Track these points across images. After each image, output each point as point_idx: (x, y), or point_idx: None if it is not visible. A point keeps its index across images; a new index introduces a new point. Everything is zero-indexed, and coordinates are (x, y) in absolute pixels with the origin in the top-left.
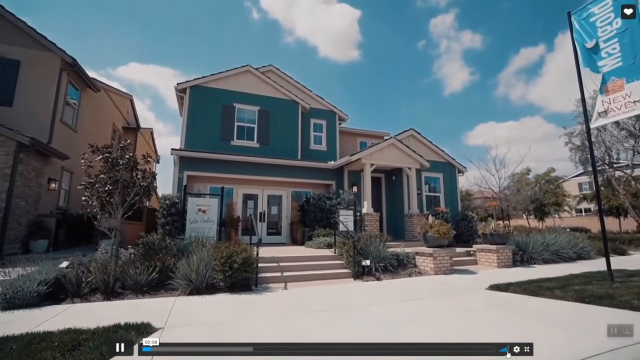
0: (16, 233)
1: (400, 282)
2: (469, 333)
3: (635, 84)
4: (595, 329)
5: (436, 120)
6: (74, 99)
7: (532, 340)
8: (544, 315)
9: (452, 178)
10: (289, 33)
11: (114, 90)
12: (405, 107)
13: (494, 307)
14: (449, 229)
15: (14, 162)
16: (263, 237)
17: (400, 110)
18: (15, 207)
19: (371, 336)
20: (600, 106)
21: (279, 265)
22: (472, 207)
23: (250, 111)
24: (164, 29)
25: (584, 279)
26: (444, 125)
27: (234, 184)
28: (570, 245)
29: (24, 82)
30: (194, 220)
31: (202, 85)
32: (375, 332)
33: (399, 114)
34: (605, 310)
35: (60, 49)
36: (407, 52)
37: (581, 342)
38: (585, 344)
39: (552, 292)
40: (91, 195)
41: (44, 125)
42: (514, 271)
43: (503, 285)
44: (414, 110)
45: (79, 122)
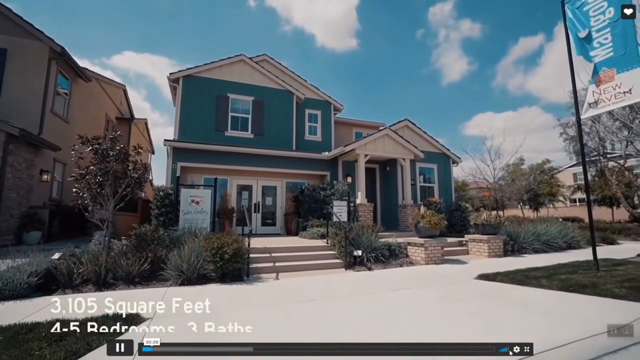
0: (8, 225)
1: (391, 272)
2: (456, 321)
3: (626, 75)
4: (578, 317)
5: (434, 110)
6: (65, 88)
7: (519, 327)
8: (530, 303)
9: (447, 169)
10: (285, 22)
11: (106, 80)
12: (403, 97)
13: (481, 296)
14: (440, 220)
15: (4, 154)
16: (257, 228)
17: (398, 101)
18: (7, 198)
19: (359, 325)
20: (591, 97)
21: (271, 255)
22: (467, 198)
23: (245, 101)
24: (158, 17)
25: (570, 268)
26: (442, 115)
27: (228, 175)
28: (561, 235)
29: (12, 71)
30: (187, 212)
31: (195, 75)
32: (363, 322)
33: (397, 104)
34: (587, 299)
35: (49, 37)
36: (405, 41)
37: (565, 329)
38: (570, 330)
39: (538, 282)
40: (82, 187)
41: (33, 116)
42: (504, 260)
43: (491, 275)
44: (411, 100)
45: (70, 113)
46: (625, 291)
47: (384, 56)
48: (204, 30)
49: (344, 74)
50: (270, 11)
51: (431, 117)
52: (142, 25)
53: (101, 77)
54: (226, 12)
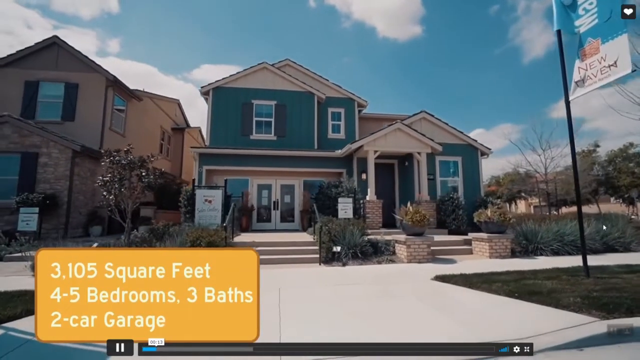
0: (78, 221)
1: (362, 268)
2: (360, 316)
3: (610, 45)
4: (489, 323)
5: (511, 93)
6: (122, 109)
7: (414, 329)
8: (457, 307)
9: (474, 161)
10: (345, 17)
11: (160, 97)
12: (474, 81)
13: (417, 297)
14: (423, 217)
15: (71, 166)
16: (277, 224)
17: (466, 86)
18: (75, 200)
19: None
20: (577, 74)
21: (256, 249)
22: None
23: (267, 106)
24: (226, 30)
25: (558, 273)
26: (522, 98)
27: (249, 175)
28: (600, 235)
29: (81, 100)
30: (201, 210)
31: (222, 87)
32: (274, 307)
33: (465, 90)
34: (524, 306)
35: (105, 69)
36: (476, 20)
37: (458, 334)
38: (461, 336)
39: (489, 286)
40: (107, 191)
41: (96, 134)
42: (503, 262)
43: (448, 276)
44: (483, 84)
45: (126, 128)
46: (578, 301)
47: (452, 40)
48: (268, 37)
49: (407, 62)
50: (330, 9)
51: (508, 100)
52: (214, 40)
53: (155, 95)
54: (289, 17)
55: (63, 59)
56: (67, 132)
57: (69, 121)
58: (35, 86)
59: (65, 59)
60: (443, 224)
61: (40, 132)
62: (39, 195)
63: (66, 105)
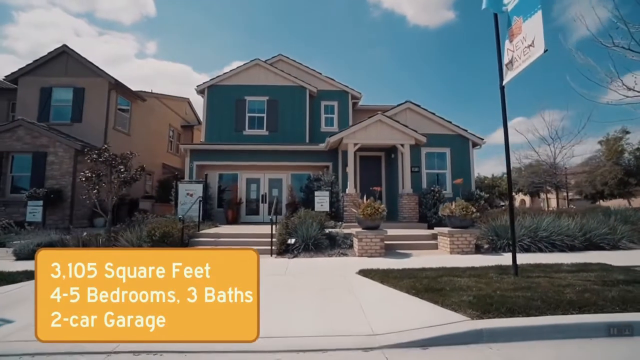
0: (82, 213)
1: (308, 261)
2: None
3: (529, 23)
4: (351, 315)
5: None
6: (126, 109)
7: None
8: (344, 300)
9: (464, 152)
10: (374, 7)
11: (169, 97)
12: None
13: (317, 288)
14: (375, 210)
15: (74, 163)
16: (265, 216)
17: None
18: (79, 194)
19: None
20: (506, 56)
21: (216, 240)
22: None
23: (260, 102)
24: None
25: (491, 271)
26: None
27: (238, 170)
28: (582, 232)
29: (87, 102)
30: (183, 202)
31: (217, 85)
32: None
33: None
34: (409, 301)
35: (107, 73)
36: None
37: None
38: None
39: (399, 281)
40: (90, 185)
41: (100, 133)
42: (459, 258)
43: (371, 271)
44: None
45: (131, 128)
46: (467, 300)
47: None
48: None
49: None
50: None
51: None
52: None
53: (163, 95)
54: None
55: (72, 66)
56: (75, 133)
57: (77, 122)
58: (49, 92)
59: (74, 66)
60: (425, 217)
61: (47, 133)
62: (44, 190)
63: (75, 108)
